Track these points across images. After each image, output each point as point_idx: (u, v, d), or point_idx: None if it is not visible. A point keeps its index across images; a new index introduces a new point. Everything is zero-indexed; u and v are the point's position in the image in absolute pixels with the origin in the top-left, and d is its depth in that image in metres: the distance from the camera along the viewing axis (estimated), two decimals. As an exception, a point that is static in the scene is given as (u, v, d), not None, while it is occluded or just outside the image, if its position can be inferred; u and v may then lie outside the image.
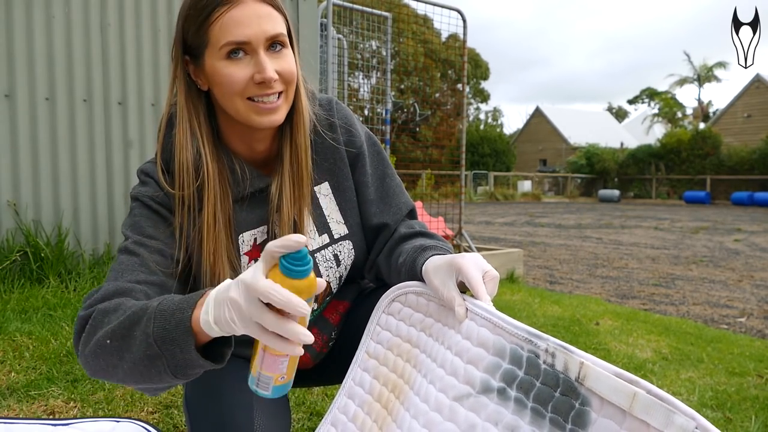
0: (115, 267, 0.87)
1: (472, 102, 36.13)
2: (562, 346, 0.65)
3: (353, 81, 7.33)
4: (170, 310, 0.71)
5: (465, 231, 5.17)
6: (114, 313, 0.76)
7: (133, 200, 0.94)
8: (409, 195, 1.11)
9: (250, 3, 0.84)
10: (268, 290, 0.62)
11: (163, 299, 0.73)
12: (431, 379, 0.77)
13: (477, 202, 22.40)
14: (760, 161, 23.06)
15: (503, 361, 0.70)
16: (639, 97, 46.89)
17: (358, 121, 1.08)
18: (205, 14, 0.84)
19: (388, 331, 0.88)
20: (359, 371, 0.89)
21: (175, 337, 0.69)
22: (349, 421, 0.85)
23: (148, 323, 0.71)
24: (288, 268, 0.63)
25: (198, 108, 0.92)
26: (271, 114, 0.89)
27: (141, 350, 0.71)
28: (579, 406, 0.62)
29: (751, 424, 1.83)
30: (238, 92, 0.86)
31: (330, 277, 1.04)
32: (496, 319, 0.72)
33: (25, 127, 3.07)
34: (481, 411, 0.70)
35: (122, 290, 0.82)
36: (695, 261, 6.54)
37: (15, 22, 3.01)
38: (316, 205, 1.03)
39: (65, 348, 2.09)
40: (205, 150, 0.91)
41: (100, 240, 3.31)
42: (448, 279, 0.80)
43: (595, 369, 0.61)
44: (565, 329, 3.00)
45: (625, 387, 0.58)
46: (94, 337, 0.76)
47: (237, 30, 0.83)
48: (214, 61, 0.86)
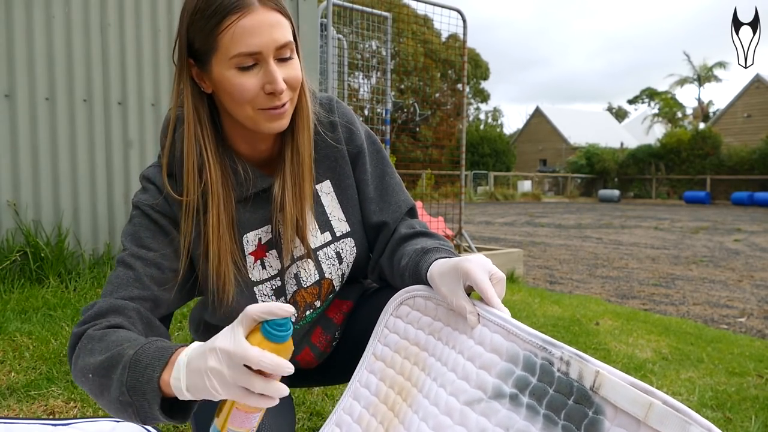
0: (111, 280, 0.89)
1: (472, 102, 36.13)
2: (578, 355, 0.65)
3: (353, 81, 7.32)
4: (143, 363, 0.72)
5: (465, 231, 5.17)
6: (99, 343, 0.79)
7: (134, 208, 0.95)
8: (408, 193, 1.11)
9: (261, 11, 0.83)
10: (259, 358, 0.64)
11: (140, 347, 0.74)
12: (441, 383, 0.77)
13: (477, 202, 22.39)
14: (760, 161, 23.06)
15: (516, 368, 0.70)
16: (639, 97, 46.87)
17: (358, 120, 1.08)
18: (214, 22, 0.83)
19: (396, 334, 0.88)
20: (365, 373, 0.89)
21: (145, 391, 0.71)
22: (354, 422, 0.85)
23: (123, 372, 0.73)
24: (272, 334, 0.66)
25: (201, 111, 0.92)
26: (279, 120, 0.89)
27: (116, 394, 0.74)
28: (592, 414, 0.62)
29: (751, 424, 1.83)
30: (248, 101, 0.86)
31: (332, 274, 1.04)
32: (510, 326, 0.73)
33: (25, 127, 3.06)
34: (492, 416, 0.70)
35: (115, 308, 0.85)
36: (695, 261, 6.54)
37: (15, 22, 3.01)
38: (318, 203, 1.03)
39: (65, 348, 2.09)
40: (208, 153, 0.91)
41: (100, 240, 3.31)
42: (456, 286, 0.80)
43: (611, 378, 0.61)
44: (565, 329, 3.00)
45: (641, 397, 0.58)
46: (80, 364, 0.79)
47: (249, 40, 0.82)
48: (223, 70, 0.85)
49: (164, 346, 0.74)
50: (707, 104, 37.94)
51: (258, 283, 1.00)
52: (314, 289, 1.04)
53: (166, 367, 0.71)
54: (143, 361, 0.72)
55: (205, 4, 0.83)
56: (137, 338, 0.78)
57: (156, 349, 0.73)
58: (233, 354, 0.64)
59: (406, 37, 10.08)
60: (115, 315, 0.84)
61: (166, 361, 0.71)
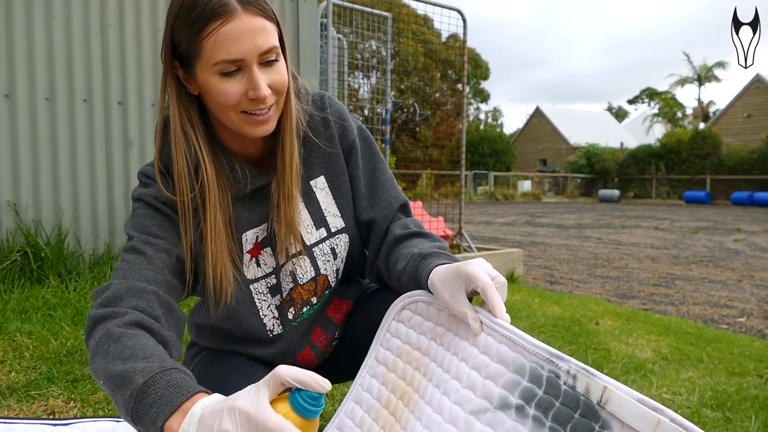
0: (122, 266, 0.86)
1: (472, 102, 36.13)
2: (585, 369, 0.65)
3: (353, 81, 7.32)
4: (150, 399, 0.67)
5: (465, 231, 5.17)
6: (115, 345, 0.75)
7: (136, 201, 0.94)
8: (400, 189, 1.10)
9: (244, 17, 0.82)
10: (281, 430, 0.58)
11: (150, 377, 0.69)
12: (445, 390, 0.77)
13: (477, 202, 22.39)
14: (760, 161, 23.06)
15: (522, 379, 0.70)
16: (639, 97, 46.87)
17: (350, 115, 1.09)
18: (197, 28, 0.82)
19: (398, 338, 0.88)
20: (368, 377, 0.89)
21: (147, 426, 0.67)
22: (356, 426, 0.85)
23: (129, 400, 0.69)
24: (303, 407, 0.59)
25: (191, 111, 0.92)
26: (263, 124, 0.90)
27: (122, 411, 0.71)
28: (599, 429, 0.62)
29: (751, 424, 1.83)
30: (232, 107, 0.87)
31: (327, 270, 1.05)
32: (515, 338, 0.72)
33: (25, 127, 3.07)
34: (497, 426, 0.69)
35: (133, 290, 0.82)
36: (695, 261, 6.54)
37: (15, 22, 3.01)
38: (312, 200, 1.03)
39: (65, 348, 2.09)
40: (202, 153, 0.92)
41: (100, 240, 3.31)
42: (458, 292, 0.79)
43: (619, 394, 0.61)
44: (565, 329, 3.00)
45: (648, 414, 0.58)
46: (96, 364, 0.76)
47: (231, 47, 0.82)
48: (207, 76, 0.85)
49: (177, 382, 0.68)
50: (707, 104, 37.93)
51: (253, 281, 1.00)
52: (310, 285, 1.04)
53: (175, 413, 0.65)
54: (151, 396, 0.67)
55: (188, 9, 0.83)
56: (151, 354, 0.73)
57: (167, 386, 0.67)
58: (253, 418, 0.58)
59: (406, 37, 10.09)
60: (133, 297, 0.81)
61: (177, 406, 0.65)
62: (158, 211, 0.92)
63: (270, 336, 1.04)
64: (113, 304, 0.81)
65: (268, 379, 0.61)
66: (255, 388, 0.61)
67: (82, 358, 2.01)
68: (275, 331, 1.04)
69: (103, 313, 0.79)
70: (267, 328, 1.03)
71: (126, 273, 0.85)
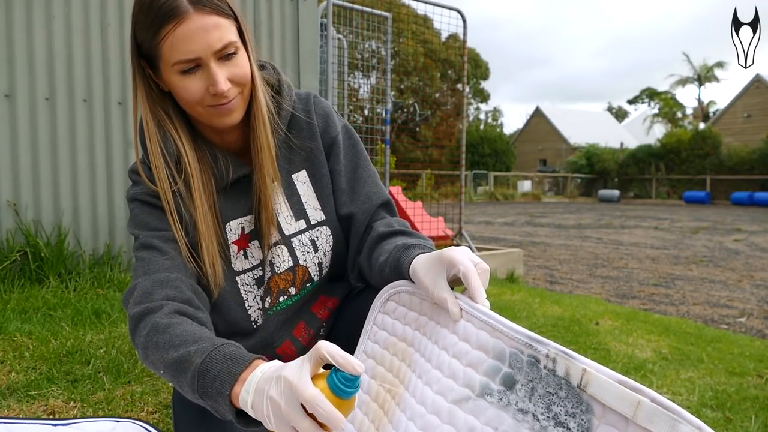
0: (139, 264, 0.91)
1: (472, 102, 36.13)
2: (564, 352, 0.64)
3: (353, 81, 7.32)
4: (212, 374, 0.72)
5: (465, 231, 5.18)
6: (163, 335, 0.80)
7: (132, 201, 0.98)
8: (383, 187, 1.11)
9: (195, 17, 0.85)
10: (315, 402, 0.62)
11: (207, 355, 0.74)
12: (427, 381, 0.76)
13: (477, 202, 22.40)
14: (760, 161, 23.06)
15: (503, 365, 0.70)
16: (639, 97, 46.86)
17: (336, 114, 1.10)
18: (153, 32, 0.86)
19: (385, 331, 0.88)
20: None
21: (217, 401, 0.72)
22: (348, 422, 0.85)
23: (192, 380, 0.74)
24: (338, 387, 0.63)
25: (166, 107, 0.96)
26: (228, 115, 0.92)
27: (191, 395, 0.76)
28: (581, 412, 0.61)
29: (751, 424, 1.83)
30: (197, 102, 0.90)
31: (307, 262, 1.06)
32: (494, 323, 0.72)
33: (25, 127, 3.06)
34: (480, 414, 0.69)
35: (159, 281, 0.87)
36: (695, 261, 6.54)
37: (15, 22, 3.01)
38: (293, 192, 1.05)
39: (65, 348, 2.09)
40: (182, 143, 0.95)
41: (100, 240, 3.31)
42: (439, 277, 0.79)
43: (598, 376, 0.60)
44: (565, 329, 3.00)
45: (629, 395, 0.58)
46: (151, 358, 0.81)
47: (186, 47, 0.85)
48: (170, 75, 0.89)
49: (232, 354, 0.73)
50: (707, 104, 37.94)
51: (240, 273, 1.02)
52: (288, 275, 1.05)
53: (237, 381, 0.70)
54: (212, 372, 0.72)
55: (145, 12, 0.87)
56: (200, 337, 0.78)
57: (223, 360, 0.73)
58: (293, 387, 0.63)
59: (405, 37, 10.08)
60: (162, 288, 0.86)
61: (238, 374, 0.71)
62: (153, 206, 0.96)
63: (254, 327, 1.05)
64: (147, 300, 0.85)
65: (310, 354, 0.65)
66: (301, 360, 0.66)
67: (82, 358, 2.01)
68: (259, 322, 1.05)
69: (140, 310, 0.84)
70: (251, 319, 1.04)
71: (145, 269, 0.89)
